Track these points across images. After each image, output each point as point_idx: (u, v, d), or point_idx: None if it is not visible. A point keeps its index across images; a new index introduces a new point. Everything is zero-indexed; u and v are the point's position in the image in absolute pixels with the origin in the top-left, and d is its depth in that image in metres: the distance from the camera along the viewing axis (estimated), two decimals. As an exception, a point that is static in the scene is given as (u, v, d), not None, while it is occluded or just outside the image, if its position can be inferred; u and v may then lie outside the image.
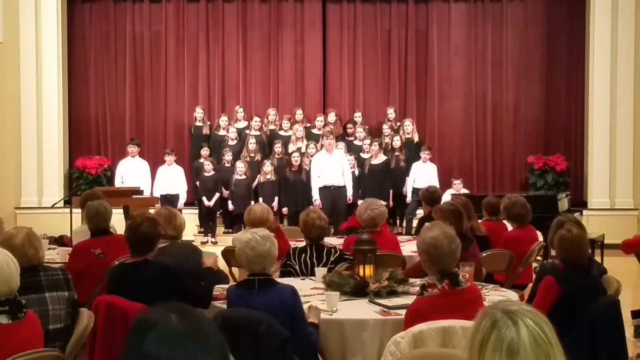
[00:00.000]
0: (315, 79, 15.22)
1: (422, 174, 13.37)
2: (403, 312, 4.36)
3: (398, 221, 13.84)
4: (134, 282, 4.77)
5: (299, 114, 14.41)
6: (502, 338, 1.99)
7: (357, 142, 13.98)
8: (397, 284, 5.05)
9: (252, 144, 13.85)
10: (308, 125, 14.47)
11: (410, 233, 11.32)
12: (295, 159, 13.38)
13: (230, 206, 13.69)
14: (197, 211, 14.02)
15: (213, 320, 1.88)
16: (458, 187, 13.06)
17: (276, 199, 13.46)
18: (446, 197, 10.51)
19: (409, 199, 13.50)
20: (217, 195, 13.75)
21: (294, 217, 12.67)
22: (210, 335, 1.77)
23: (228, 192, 13.75)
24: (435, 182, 13.02)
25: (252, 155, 13.85)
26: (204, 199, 13.74)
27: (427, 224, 4.68)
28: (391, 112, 14.41)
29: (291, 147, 13.90)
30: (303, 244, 6.14)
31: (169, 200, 13.20)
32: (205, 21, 15.23)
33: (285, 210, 13.42)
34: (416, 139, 14.11)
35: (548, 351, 1.99)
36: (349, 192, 13.09)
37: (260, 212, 6.87)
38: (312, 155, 13.34)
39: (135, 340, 1.75)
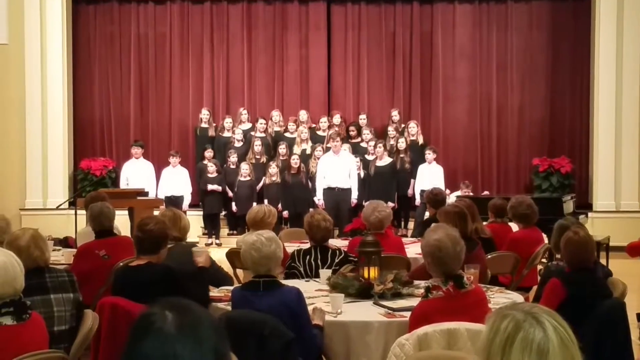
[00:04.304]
0: (319, 81, 15.22)
1: (428, 176, 13.34)
2: (408, 314, 4.35)
3: (403, 223, 13.83)
4: (137, 284, 4.77)
5: (303, 115, 14.40)
6: (531, 338, 1.98)
7: (362, 144, 13.97)
8: (402, 286, 5.04)
9: (257, 146, 13.85)
10: (313, 126, 14.47)
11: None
12: (295, 161, 13.38)
13: (234, 207, 13.69)
14: (201, 213, 14.02)
15: (217, 321, 1.84)
16: (465, 192, 13.00)
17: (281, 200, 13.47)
18: (451, 199, 10.50)
19: (417, 201, 13.45)
20: (219, 188, 13.72)
21: (294, 219, 12.71)
22: (205, 334, 1.75)
23: (232, 193, 13.76)
24: (441, 183, 13.02)
25: (258, 157, 13.86)
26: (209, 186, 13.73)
27: (431, 226, 4.67)
28: (395, 114, 14.39)
29: (296, 149, 13.90)
30: (308, 245, 6.14)
31: (174, 201, 13.20)
32: (210, 23, 15.24)
33: (285, 213, 13.41)
34: (421, 141, 14.09)
35: (572, 351, 1.99)
36: (354, 194, 13.09)
37: (256, 212, 6.85)
38: (318, 158, 13.35)
39: (131, 338, 1.76)
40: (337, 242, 7.50)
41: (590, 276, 5.09)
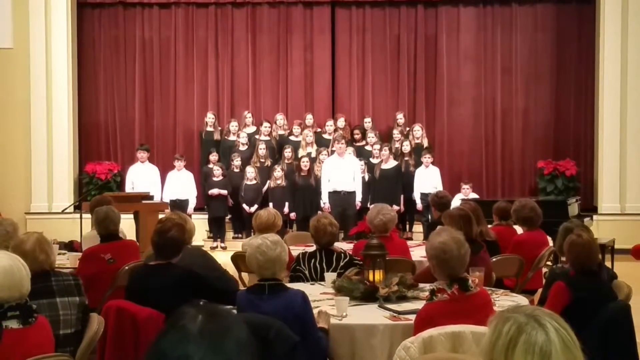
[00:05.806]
0: (324, 84, 15.22)
1: (426, 179, 13.34)
2: (413, 317, 4.35)
3: (408, 226, 13.82)
4: (157, 284, 4.79)
5: (309, 119, 14.40)
6: (533, 341, 1.99)
7: (367, 148, 13.97)
8: (407, 289, 5.04)
9: (262, 149, 13.86)
10: (318, 130, 14.47)
11: None
12: (305, 164, 13.38)
13: (247, 207, 13.58)
14: (206, 216, 14.03)
15: (249, 339, 1.81)
16: (467, 192, 13.03)
17: (287, 204, 13.46)
18: (455, 202, 10.50)
19: (418, 205, 13.44)
20: (224, 192, 13.72)
21: (303, 222, 12.68)
22: (224, 346, 1.71)
23: (238, 197, 13.75)
24: (439, 186, 13.01)
25: (262, 160, 13.86)
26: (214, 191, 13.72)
27: (436, 229, 4.67)
28: (401, 117, 14.39)
29: (301, 152, 13.90)
30: (313, 249, 6.14)
31: (179, 205, 13.19)
32: (215, 26, 15.26)
33: (293, 215, 13.42)
34: (425, 144, 14.09)
35: (575, 353, 2.00)
36: (358, 197, 13.08)
37: (266, 217, 6.84)
38: (323, 162, 13.33)
39: (158, 337, 1.75)
40: (342, 245, 7.49)
41: (595, 279, 5.08)
